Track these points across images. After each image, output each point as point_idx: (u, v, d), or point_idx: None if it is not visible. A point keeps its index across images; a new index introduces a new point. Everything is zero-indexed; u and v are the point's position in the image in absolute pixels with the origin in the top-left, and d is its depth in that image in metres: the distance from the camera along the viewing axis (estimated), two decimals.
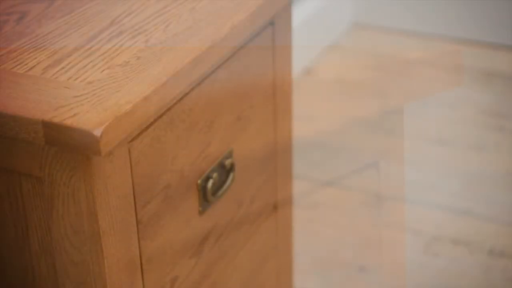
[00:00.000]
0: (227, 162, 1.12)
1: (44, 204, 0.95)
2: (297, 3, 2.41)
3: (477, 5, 2.48)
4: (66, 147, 0.87)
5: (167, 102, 0.96)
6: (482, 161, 2.06)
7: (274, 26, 1.20)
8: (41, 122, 0.87)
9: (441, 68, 2.43)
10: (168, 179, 1.01)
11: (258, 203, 1.26)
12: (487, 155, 2.08)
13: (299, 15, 2.39)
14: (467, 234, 1.81)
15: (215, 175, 1.09)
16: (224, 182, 1.12)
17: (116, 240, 0.95)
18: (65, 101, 0.90)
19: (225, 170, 1.12)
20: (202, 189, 1.08)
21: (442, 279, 1.69)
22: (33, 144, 0.91)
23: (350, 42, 2.63)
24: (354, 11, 2.68)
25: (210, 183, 1.08)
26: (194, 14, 1.08)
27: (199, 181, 1.07)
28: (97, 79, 0.94)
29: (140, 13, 1.09)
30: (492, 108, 2.25)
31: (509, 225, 1.83)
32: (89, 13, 1.09)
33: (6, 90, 0.93)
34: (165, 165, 1.00)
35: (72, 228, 0.94)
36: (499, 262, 1.72)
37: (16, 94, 0.92)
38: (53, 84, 0.94)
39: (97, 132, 0.85)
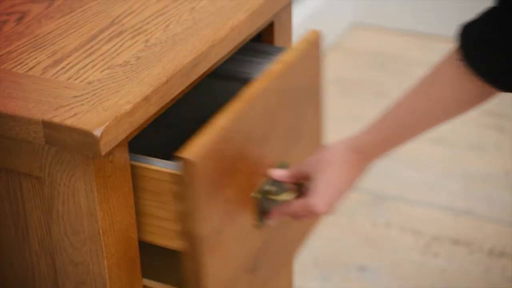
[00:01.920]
0: None
1: (44, 204, 0.95)
2: (297, 3, 2.41)
3: (477, 5, 2.48)
4: (66, 147, 0.87)
5: (168, 103, 0.96)
6: (482, 161, 2.06)
7: (274, 26, 1.20)
8: (41, 122, 0.87)
9: None
10: (227, 193, 0.98)
11: None
12: (487, 155, 2.08)
13: (299, 15, 2.39)
14: (467, 234, 1.81)
15: (271, 187, 1.06)
16: (278, 194, 1.07)
17: (116, 240, 0.95)
18: (65, 101, 0.90)
19: (279, 182, 1.07)
20: (258, 202, 1.04)
21: (442, 279, 1.69)
22: (33, 144, 0.91)
23: (350, 42, 2.63)
24: (354, 11, 2.68)
25: (266, 196, 1.05)
26: (194, 14, 1.08)
27: (255, 194, 1.04)
28: (97, 79, 0.94)
29: (140, 13, 1.09)
30: (492, 108, 2.25)
31: (509, 225, 1.83)
32: (89, 13, 1.09)
33: (6, 90, 0.93)
34: (225, 179, 0.97)
35: (72, 228, 0.94)
36: (499, 262, 1.72)
37: (16, 94, 0.92)
38: (53, 84, 0.94)
39: (97, 132, 0.85)
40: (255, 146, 1.02)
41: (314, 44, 1.12)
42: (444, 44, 2.56)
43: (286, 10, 1.23)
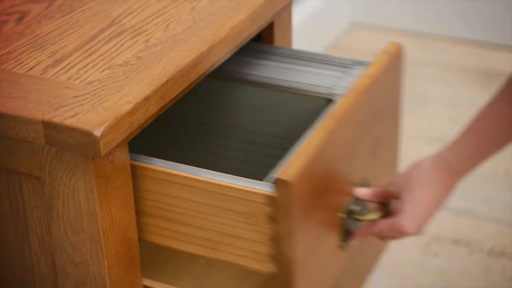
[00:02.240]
0: None
1: (44, 204, 0.95)
2: (297, 3, 2.41)
3: (477, 5, 2.48)
4: (66, 147, 0.87)
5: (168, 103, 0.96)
6: None
7: (274, 26, 1.20)
8: (41, 122, 0.87)
9: (441, 68, 2.43)
10: (317, 214, 0.96)
11: None
12: None
13: (299, 15, 2.39)
14: (467, 234, 1.81)
15: (355, 207, 1.03)
16: (363, 213, 1.04)
17: (116, 240, 0.95)
18: (65, 101, 0.90)
19: (361, 201, 1.05)
20: (343, 223, 1.02)
21: (442, 279, 1.69)
22: (33, 144, 0.91)
23: (350, 42, 2.63)
24: (354, 11, 2.68)
25: (351, 216, 1.02)
26: (194, 14, 1.08)
27: (341, 215, 1.01)
28: (97, 79, 0.94)
29: (140, 13, 1.09)
30: None
31: (509, 225, 1.83)
32: (89, 13, 1.09)
33: (6, 90, 0.93)
34: (316, 199, 0.95)
35: (72, 228, 0.94)
36: (499, 262, 1.72)
37: (16, 94, 0.92)
38: (53, 84, 0.94)
39: (97, 132, 0.85)
40: (343, 164, 0.99)
41: (396, 57, 1.09)
42: (444, 44, 2.56)
43: (286, 10, 1.23)
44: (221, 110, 1.22)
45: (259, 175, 1.24)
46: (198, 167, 0.97)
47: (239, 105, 1.21)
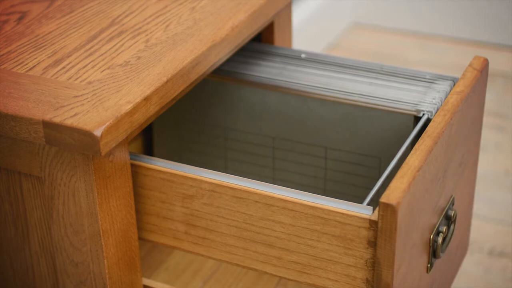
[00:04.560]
0: (451, 212, 1.03)
1: (44, 204, 0.95)
2: (297, 3, 2.41)
3: (477, 5, 2.48)
4: (66, 147, 0.87)
5: (168, 103, 0.96)
6: (482, 161, 2.06)
7: (274, 26, 1.20)
8: (42, 122, 0.87)
9: (441, 68, 2.44)
10: (413, 237, 0.93)
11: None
12: (487, 155, 2.08)
13: (299, 15, 2.39)
14: None
15: (444, 228, 1.00)
16: (449, 234, 1.02)
17: (116, 240, 0.95)
18: (65, 101, 0.90)
19: (449, 221, 1.02)
20: (433, 245, 0.98)
21: None
22: (34, 144, 0.91)
23: (350, 42, 2.63)
24: (354, 11, 2.68)
25: (440, 238, 0.99)
26: (194, 14, 1.09)
27: (431, 236, 0.98)
28: (97, 79, 0.94)
29: (140, 13, 1.09)
30: (492, 108, 2.25)
31: (509, 225, 1.83)
32: (89, 13, 1.09)
33: (6, 90, 0.93)
34: (414, 222, 0.92)
35: (72, 228, 0.94)
36: (499, 262, 1.72)
37: (16, 94, 0.92)
38: (53, 84, 0.94)
39: (98, 132, 0.85)
40: (436, 184, 0.96)
41: (482, 72, 1.07)
42: (444, 44, 2.56)
43: (286, 10, 1.23)
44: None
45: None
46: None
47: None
